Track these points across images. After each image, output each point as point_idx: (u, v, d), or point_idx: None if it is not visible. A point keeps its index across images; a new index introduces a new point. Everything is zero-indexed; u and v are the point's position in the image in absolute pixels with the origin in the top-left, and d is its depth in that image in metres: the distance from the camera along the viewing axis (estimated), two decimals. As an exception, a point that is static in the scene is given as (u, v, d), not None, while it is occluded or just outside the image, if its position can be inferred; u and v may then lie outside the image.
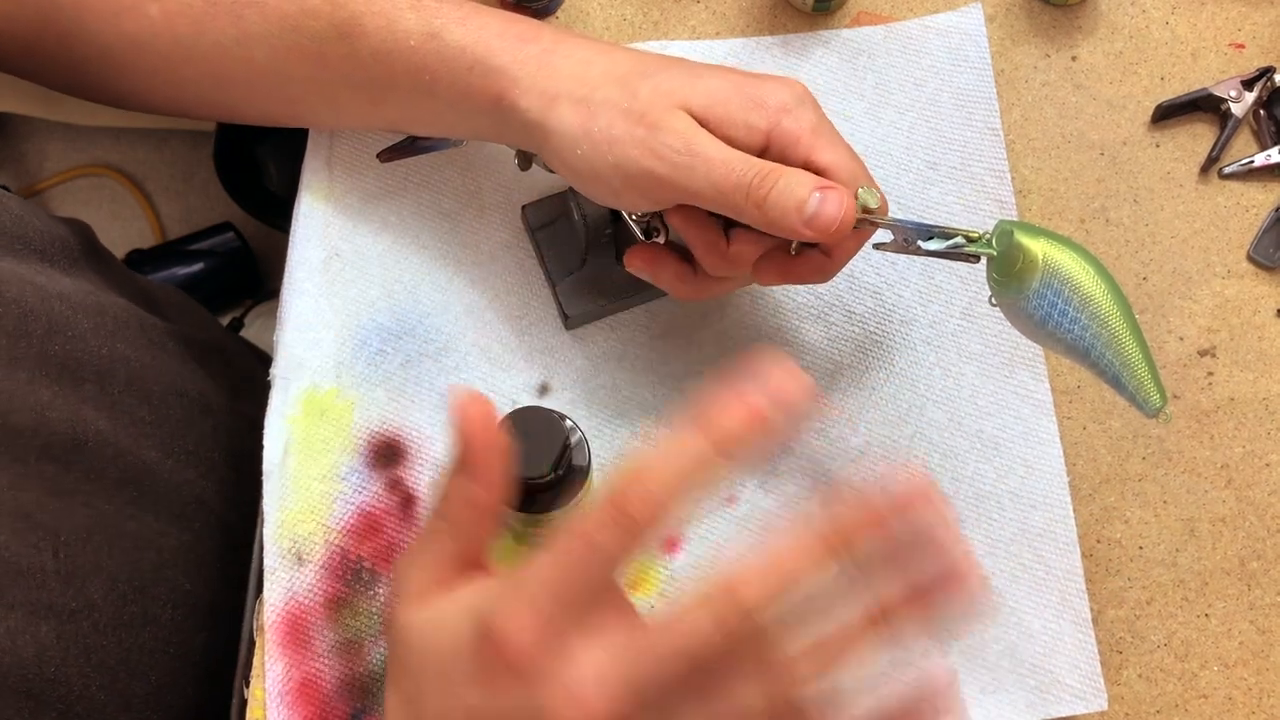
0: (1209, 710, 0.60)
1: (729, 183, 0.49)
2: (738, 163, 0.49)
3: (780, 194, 0.48)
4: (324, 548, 0.58)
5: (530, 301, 0.64)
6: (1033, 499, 0.61)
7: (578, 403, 0.62)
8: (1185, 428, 0.64)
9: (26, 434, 0.53)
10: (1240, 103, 0.68)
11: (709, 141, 0.50)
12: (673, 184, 0.50)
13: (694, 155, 0.49)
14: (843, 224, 0.48)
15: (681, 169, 0.50)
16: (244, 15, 0.56)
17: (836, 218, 0.48)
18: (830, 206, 0.48)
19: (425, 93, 0.56)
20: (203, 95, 0.60)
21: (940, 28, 0.69)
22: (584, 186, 0.54)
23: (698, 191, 0.50)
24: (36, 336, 0.55)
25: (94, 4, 0.56)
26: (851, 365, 0.63)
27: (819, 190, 0.48)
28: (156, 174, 1.38)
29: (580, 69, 0.53)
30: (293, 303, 0.62)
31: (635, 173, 0.51)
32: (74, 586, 0.55)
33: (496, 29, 0.54)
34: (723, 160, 0.49)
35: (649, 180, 0.51)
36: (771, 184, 0.48)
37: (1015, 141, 0.68)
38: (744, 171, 0.49)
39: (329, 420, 0.60)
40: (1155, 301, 0.66)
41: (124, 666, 0.57)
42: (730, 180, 0.49)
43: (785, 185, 0.48)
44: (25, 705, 0.51)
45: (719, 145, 0.50)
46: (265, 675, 0.56)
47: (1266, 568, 0.62)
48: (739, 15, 0.70)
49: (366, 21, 0.55)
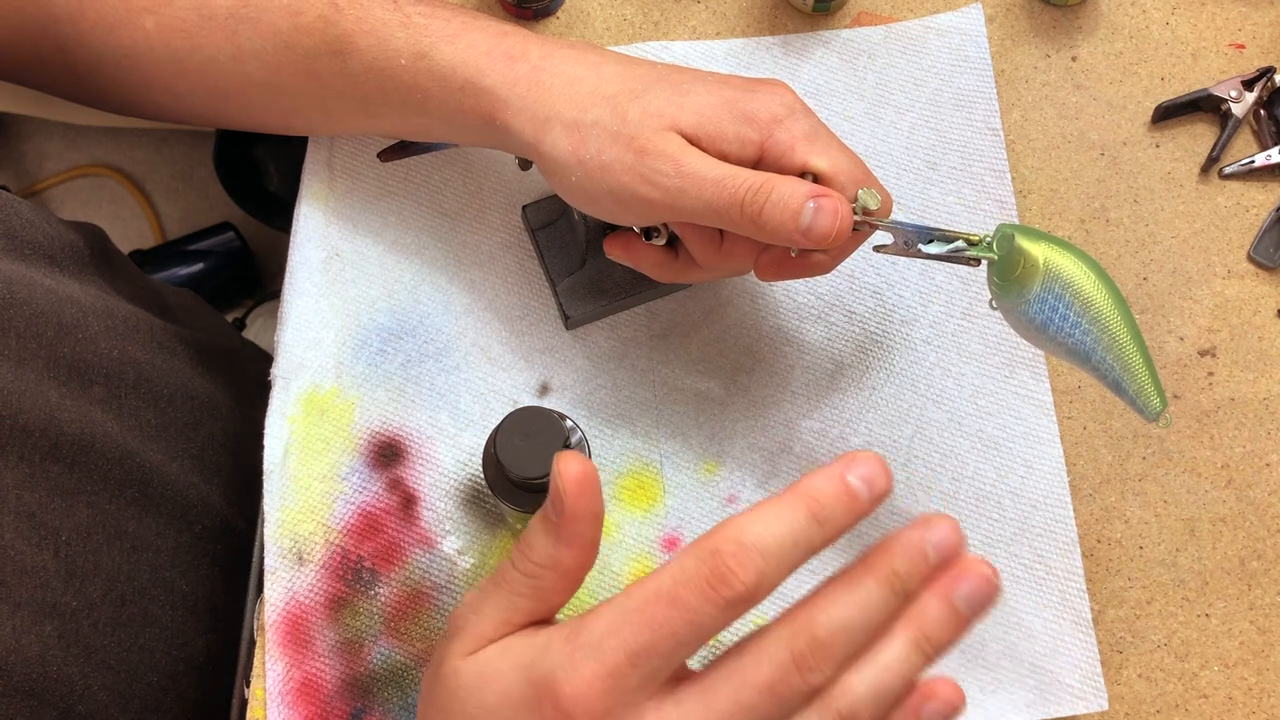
0: (1209, 710, 0.60)
1: (722, 201, 0.49)
2: (729, 179, 0.49)
3: (775, 207, 0.48)
4: (324, 547, 0.58)
5: (530, 301, 0.64)
6: (1033, 499, 0.61)
7: (578, 403, 0.62)
8: (1185, 428, 0.64)
9: (35, 434, 0.53)
10: (1240, 103, 0.68)
11: (700, 160, 0.50)
12: (667, 206, 0.50)
13: (685, 177, 0.49)
14: (839, 232, 0.48)
15: (674, 193, 0.49)
16: (238, 31, 0.56)
17: (833, 226, 0.48)
18: (825, 216, 0.48)
19: (418, 109, 0.56)
20: (199, 106, 0.60)
21: (940, 28, 0.69)
22: (580, 207, 0.54)
23: (693, 212, 0.50)
24: (47, 338, 0.55)
25: (91, 17, 0.57)
26: (851, 365, 0.63)
27: (814, 199, 0.48)
28: (156, 174, 1.38)
29: (569, 88, 0.52)
30: (293, 303, 0.62)
31: (628, 198, 0.51)
32: (74, 586, 0.55)
33: (485, 47, 0.54)
34: (714, 179, 0.49)
35: (642, 205, 0.51)
36: (765, 197, 0.48)
37: (1015, 142, 0.68)
38: (736, 187, 0.48)
39: (329, 420, 0.60)
40: (1155, 301, 0.66)
41: (124, 666, 0.57)
42: (724, 198, 0.49)
43: (779, 197, 0.48)
44: (27, 704, 0.51)
45: (710, 163, 0.50)
46: (266, 675, 0.57)
47: (1266, 568, 0.62)
48: (739, 15, 0.70)
49: (358, 39, 0.55)
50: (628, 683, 0.36)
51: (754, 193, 0.48)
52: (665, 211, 0.51)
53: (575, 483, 0.38)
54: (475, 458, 0.60)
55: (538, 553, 0.39)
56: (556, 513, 0.39)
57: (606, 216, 0.54)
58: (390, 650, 0.57)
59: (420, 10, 0.55)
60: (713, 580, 0.36)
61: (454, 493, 0.60)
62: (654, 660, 0.36)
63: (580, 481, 0.39)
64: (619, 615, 0.37)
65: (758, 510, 0.37)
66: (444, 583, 0.59)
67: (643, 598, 0.37)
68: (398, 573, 0.59)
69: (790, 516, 0.36)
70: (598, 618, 0.37)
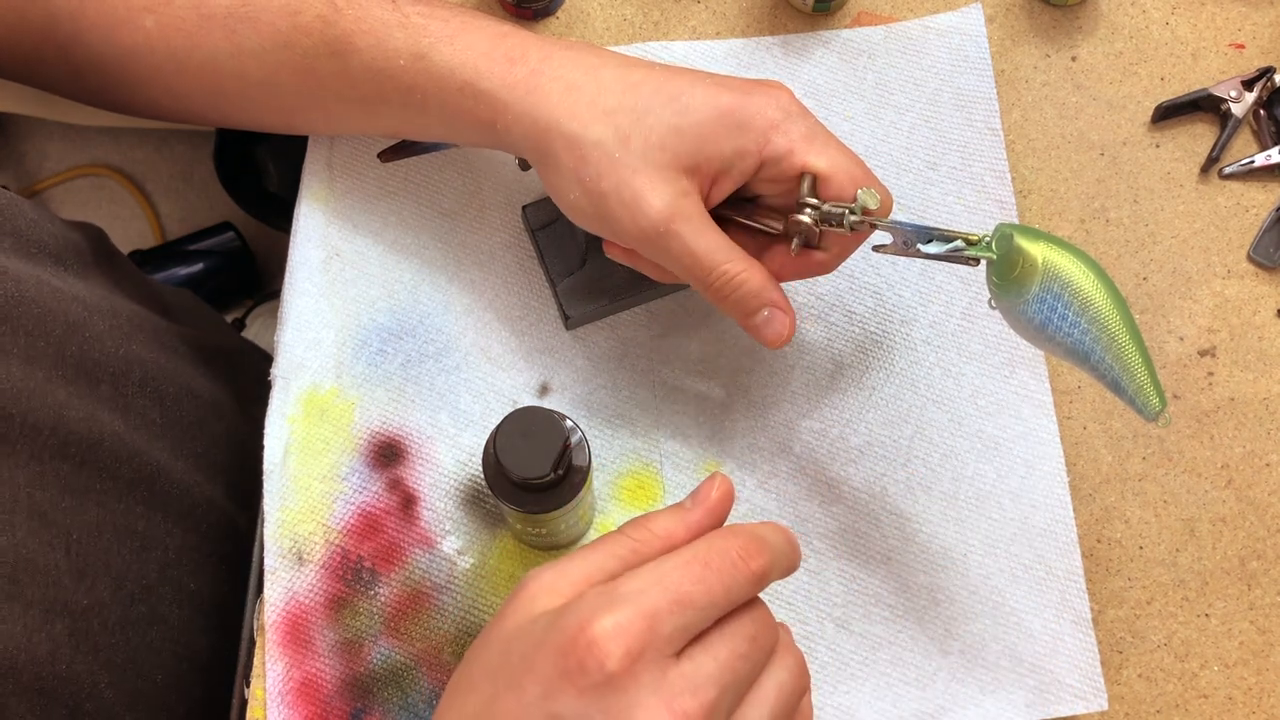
0: (1209, 710, 0.60)
1: (694, 275, 0.53)
2: (708, 256, 0.52)
3: (736, 303, 0.53)
4: (324, 547, 0.58)
5: (530, 301, 0.64)
6: (1033, 499, 0.61)
7: (578, 403, 0.62)
8: (1185, 428, 0.64)
9: (45, 433, 0.54)
10: (1240, 103, 0.68)
11: (688, 228, 0.52)
12: (649, 250, 0.54)
13: (670, 237, 0.52)
14: (782, 341, 0.54)
15: (658, 247, 0.53)
16: (236, 30, 0.56)
17: (780, 337, 0.54)
18: (773, 327, 0.54)
19: (417, 109, 0.56)
20: (199, 105, 0.60)
21: (940, 28, 0.69)
22: (574, 221, 0.55)
23: (669, 264, 0.53)
24: (55, 337, 0.55)
25: (92, 16, 0.57)
26: (851, 365, 0.63)
27: (770, 309, 0.53)
28: (156, 174, 1.38)
29: (568, 95, 0.53)
30: (293, 303, 0.62)
31: (618, 230, 0.53)
32: (84, 585, 0.55)
33: (483, 48, 0.54)
34: (692, 256, 0.52)
35: (629, 241, 0.54)
36: (730, 291, 0.53)
37: (1015, 142, 0.68)
38: (712, 268, 0.52)
39: (329, 420, 0.60)
40: (1155, 301, 0.66)
41: (131, 665, 0.58)
42: (698, 271, 0.53)
43: (740, 297, 0.53)
44: (37, 702, 0.51)
45: (697, 232, 0.52)
46: (266, 675, 0.57)
47: (1266, 568, 0.62)
48: (739, 15, 0.70)
49: (357, 40, 0.55)
50: (662, 628, 0.39)
51: (724, 282, 0.53)
52: (649, 251, 0.54)
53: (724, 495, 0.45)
54: (475, 458, 0.60)
55: (659, 526, 0.44)
56: (694, 504, 0.45)
57: (597, 233, 0.55)
58: (390, 650, 0.57)
59: (419, 10, 0.55)
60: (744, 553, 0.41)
61: (454, 493, 0.60)
62: (689, 612, 0.39)
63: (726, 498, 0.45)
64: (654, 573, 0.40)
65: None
66: (444, 583, 0.59)
67: (681, 559, 0.41)
68: (398, 573, 0.59)
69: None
70: (634, 576, 0.40)
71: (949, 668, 0.59)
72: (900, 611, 0.60)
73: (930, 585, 0.60)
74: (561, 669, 0.38)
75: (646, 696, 0.38)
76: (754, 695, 0.41)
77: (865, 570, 0.60)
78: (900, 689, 0.59)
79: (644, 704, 0.38)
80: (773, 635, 0.42)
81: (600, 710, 0.38)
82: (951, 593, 0.60)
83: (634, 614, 0.38)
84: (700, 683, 0.39)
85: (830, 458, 0.62)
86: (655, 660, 0.38)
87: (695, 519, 0.44)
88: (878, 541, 0.61)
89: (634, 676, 0.38)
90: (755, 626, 0.41)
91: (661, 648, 0.39)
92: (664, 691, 0.38)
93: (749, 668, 0.41)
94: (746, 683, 0.41)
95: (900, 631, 0.59)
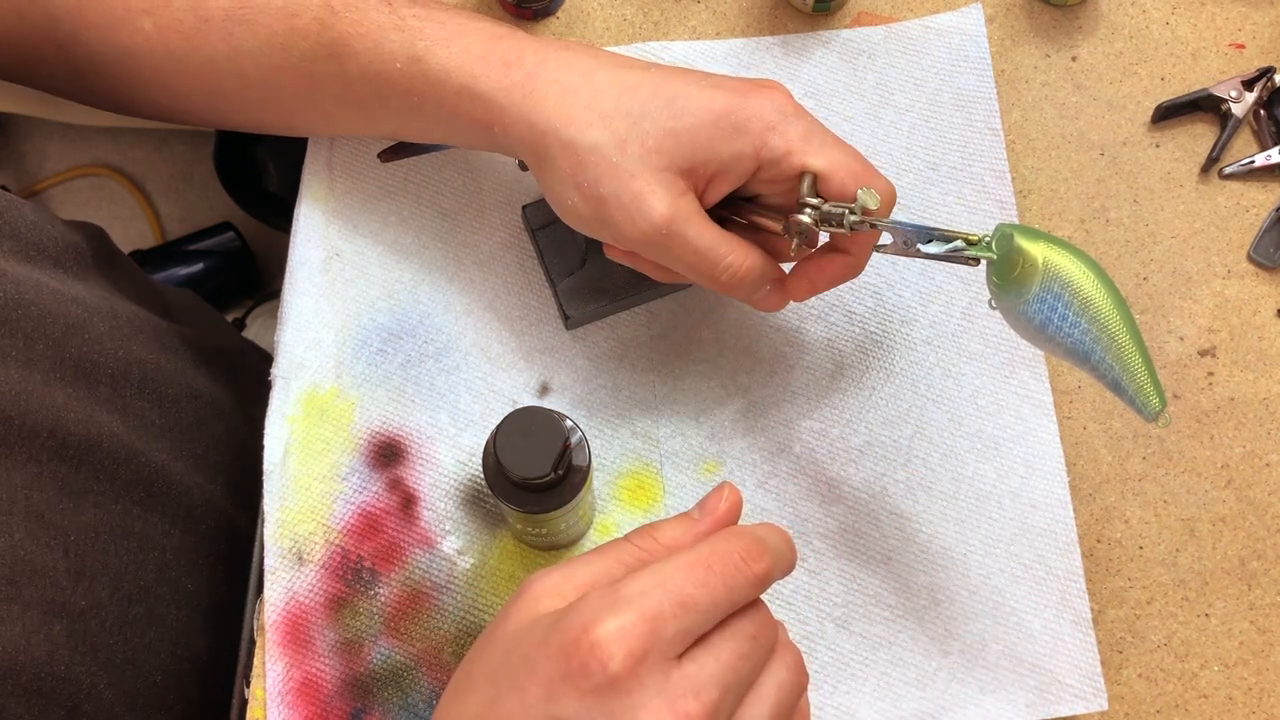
0: (1209, 710, 0.60)
1: (698, 272, 0.54)
2: (711, 252, 0.53)
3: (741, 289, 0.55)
4: (324, 547, 0.58)
5: (530, 301, 0.64)
6: (1033, 499, 0.61)
7: (578, 403, 0.62)
8: (1185, 428, 0.64)
9: (43, 434, 0.54)
10: (1240, 103, 0.68)
11: (689, 228, 0.52)
12: (650, 252, 0.54)
13: (672, 239, 0.52)
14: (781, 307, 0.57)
15: (660, 249, 0.53)
16: (234, 33, 0.56)
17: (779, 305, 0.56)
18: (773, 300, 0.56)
19: (415, 112, 0.56)
20: (198, 106, 0.61)
21: (940, 28, 0.69)
22: (572, 225, 0.55)
23: (672, 264, 0.54)
24: (53, 339, 0.55)
25: (91, 17, 0.57)
26: (851, 365, 0.63)
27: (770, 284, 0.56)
28: (156, 174, 1.38)
29: (564, 99, 0.53)
30: (293, 303, 0.62)
31: (618, 235, 0.53)
32: (83, 586, 0.55)
33: (480, 51, 0.54)
34: (696, 254, 0.53)
35: (630, 244, 0.54)
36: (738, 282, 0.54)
37: (1015, 142, 0.68)
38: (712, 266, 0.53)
39: (329, 420, 0.60)
40: (1155, 301, 0.66)
41: (130, 665, 0.58)
42: (700, 271, 0.54)
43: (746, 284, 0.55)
44: (36, 703, 0.51)
45: (698, 231, 0.52)
46: (266, 675, 0.57)
47: (1266, 568, 0.62)
48: (739, 15, 0.70)
49: (354, 43, 0.55)
50: (665, 630, 0.39)
51: (730, 273, 0.54)
52: (651, 253, 0.54)
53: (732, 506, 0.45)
54: (475, 458, 0.60)
55: (665, 535, 0.44)
56: (702, 515, 0.45)
57: (595, 237, 0.55)
58: (390, 650, 0.57)
59: (415, 13, 0.55)
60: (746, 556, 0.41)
61: (454, 493, 0.60)
62: (691, 615, 0.39)
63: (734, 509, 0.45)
64: (657, 575, 0.40)
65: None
66: (444, 583, 0.59)
67: (684, 561, 0.41)
68: (398, 573, 0.59)
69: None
70: (636, 578, 0.40)
71: (949, 668, 0.59)
72: (900, 611, 0.60)
73: (930, 585, 0.60)
74: (564, 671, 0.38)
75: (649, 698, 0.38)
76: (754, 694, 0.41)
77: (865, 570, 0.60)
78: (900, 689, 0.59)
79: (647, 706, 0.38)
80: (773, 634, 0.43)
81: (603, 712, 0.38)
82: (951, 593, 0.60)
83: (637, 616, 0.38)
84: (703, 684, 0.39)
85: (830, 458, 0.62)
86: (658, 662, 0.38)
87: (702, 530, 0.44)
88: (878, 541, 0.61)
89: (637, 678, 0.38)
90: (756, 626, 0.42)
91: (664, 650, 0.39)
92: (667, 693, 0.38)
93: (750, 667, 0.41)
94: (748, 682, 0.41)
95: (900, 631, 0.59)
